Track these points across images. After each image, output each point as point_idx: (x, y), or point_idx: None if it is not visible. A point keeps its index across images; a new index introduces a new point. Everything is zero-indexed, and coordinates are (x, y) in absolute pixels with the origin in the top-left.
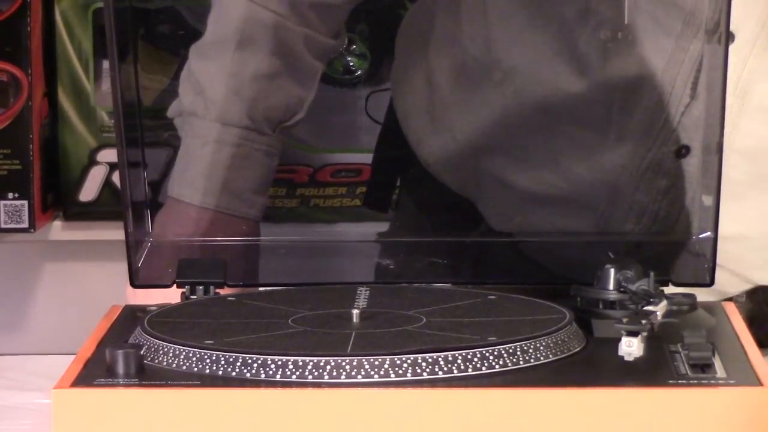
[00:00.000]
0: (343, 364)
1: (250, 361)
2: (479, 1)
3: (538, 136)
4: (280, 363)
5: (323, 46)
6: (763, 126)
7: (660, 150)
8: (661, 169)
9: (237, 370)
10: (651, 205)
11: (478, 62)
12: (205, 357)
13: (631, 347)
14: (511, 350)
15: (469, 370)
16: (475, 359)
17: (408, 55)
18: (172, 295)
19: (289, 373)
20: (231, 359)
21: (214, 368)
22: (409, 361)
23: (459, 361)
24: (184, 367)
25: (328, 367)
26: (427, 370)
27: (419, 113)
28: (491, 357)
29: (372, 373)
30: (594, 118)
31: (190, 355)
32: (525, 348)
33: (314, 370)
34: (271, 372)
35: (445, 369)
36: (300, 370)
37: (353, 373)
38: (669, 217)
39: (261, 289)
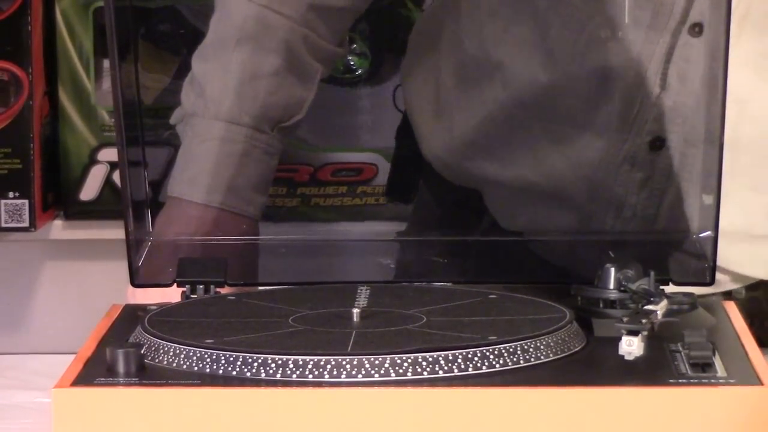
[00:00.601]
0: (344, 363)
1: (250, 360)
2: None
3: (520, 132)
4: (280, 362)
5: (325, 51)
6: (737, 118)
7: (634, 142)
8: (636, 161)
9: (237, 369)
10: (629, 198)
11: (474, 60)
12: (206, 356)
13: (631, 346)
14: (511, 349)
15: (470, 369)
16: (476, 358)
17: (419, 54)
18: (172, 295)
19: (289, 372)
20: (231, 358)
21: (215, 367)
22: (409, 361)
23: (459, 361)
24: (185, 367)
25: (329, 366)
26: (428, 369)
27: (425, 112)
28: (492, 356)
29: (372, 372)
30: (572, 112)
31: (191, 354)
32: (525, 347)
33: (314, 370)
34: (271, 371)
35: (446, 368)
36: (300, 370)
37: (354, 373)
38: (648, 211)
39: (261, 288)
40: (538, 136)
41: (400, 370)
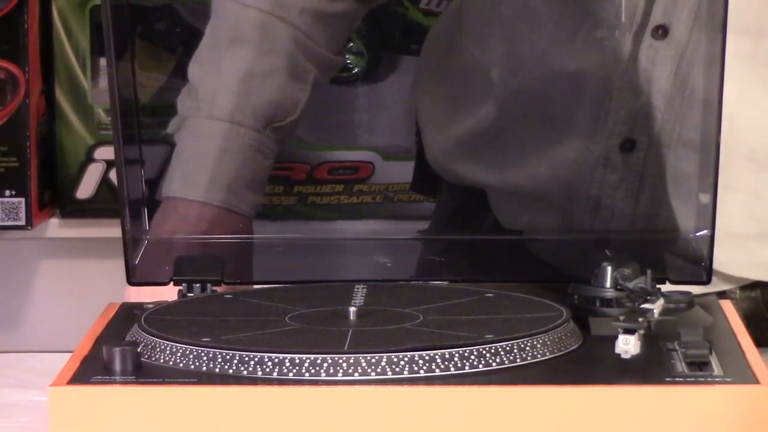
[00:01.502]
0: (340, 361)
1: (246, 358)
2: (475, 5)
3: (504, 136)
4: (276, 360)
5: (320, 56)
6: (706, 118)
7: (605, 144)
8: (609, 163)
9: (234, 367)
10: (604, 199)
11: (468, 66)
12: (202, 354)
13: (628, 345)
14: (508, 348)
15: (466, 367)
16: (472, 357)
17: (429, 60)
18: (169, 293)
19: (285, 370)
20: (228, 357)
21: (211, 366)
22: (405, 359)
23: (456, 359)
24: (181, 365)
25: (325, 364)
26: (424, 367)
27: (427, 115)
28: (488, 355)
29: (369, 370)
30: (549, 115)
31: (187, 352)
32: (522, 346)
33: (311, 368)
34: (267, 369)
35: (442, 367)
36: (297, 368)
37: (350, 371)
38: (625, 212)
39: (258, 286)
40: (520, 140)
41: (397, 369)
